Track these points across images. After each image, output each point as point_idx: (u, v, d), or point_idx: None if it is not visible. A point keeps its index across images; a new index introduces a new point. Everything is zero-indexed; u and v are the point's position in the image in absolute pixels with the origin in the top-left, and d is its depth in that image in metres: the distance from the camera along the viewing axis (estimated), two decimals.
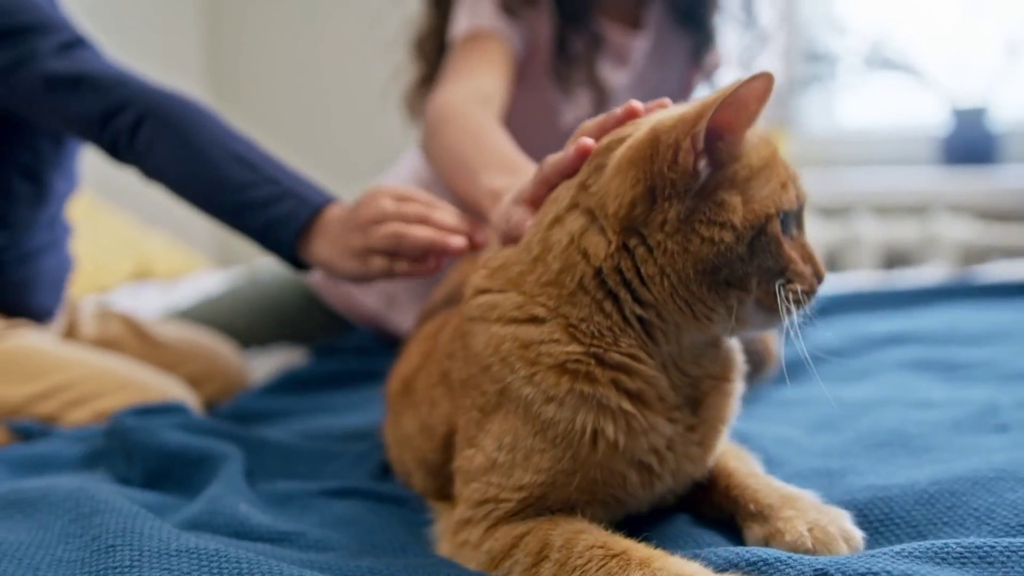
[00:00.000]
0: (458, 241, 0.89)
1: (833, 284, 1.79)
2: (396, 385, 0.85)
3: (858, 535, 0.63)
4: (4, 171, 1.18)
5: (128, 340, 1.34)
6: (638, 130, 0.67)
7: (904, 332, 1.26)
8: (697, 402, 0.70)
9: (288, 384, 1.24)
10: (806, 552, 0.60)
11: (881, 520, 0.66)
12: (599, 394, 0.64)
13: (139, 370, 1.17)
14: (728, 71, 1.47)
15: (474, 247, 0.90)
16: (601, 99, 1.35)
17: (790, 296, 0.63)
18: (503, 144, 1.00)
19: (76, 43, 1.10)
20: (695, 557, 0.59)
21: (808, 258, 0.66)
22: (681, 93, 1.47)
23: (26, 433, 1.02)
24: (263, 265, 1.71)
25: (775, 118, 2.74)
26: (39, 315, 1.26)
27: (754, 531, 0.66)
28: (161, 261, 2.44)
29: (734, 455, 0.75)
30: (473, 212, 0.94)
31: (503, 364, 0.66)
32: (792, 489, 0.68)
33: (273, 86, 3.35)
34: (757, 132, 0.65)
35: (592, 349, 0.65)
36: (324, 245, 0.94)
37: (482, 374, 0.68)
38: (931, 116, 2.56)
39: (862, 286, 1.65)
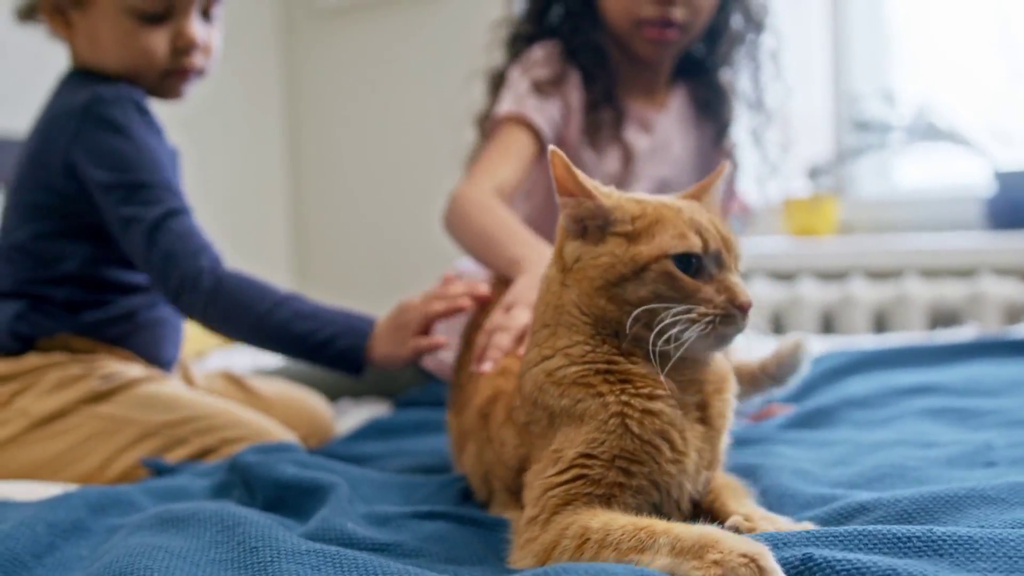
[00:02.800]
0: (465, 301, 1.21)
1: (874, 342, 1.91)
2: (474, 415, 1.04)
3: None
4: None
5: (231, 391, 1.53)
6: None
7: (928, 384, 1.39)
8: (705, 405, 0.88)
9: (373, 431, 1.41)
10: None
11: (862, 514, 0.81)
12: (605, 393, 0.84)
13: (252, 412, 1.37)
14: (744, 149, 1.65)
15: (479, 302, 1.22)
16: (627, 158, 1.56)
17: (696, 317, 0.82)
18: (517, 226, 1.33)
19: (180, 211, 1.33)
20: None
21: (724, 289, 0.83)
22: (703, 167, 1.66)
23: (157, 469, 1.19)
24: None
25: (827, 186, 2.88)
26: (165, 366, 1.47)
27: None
28: None
29: (730, 488, 0.91)
30: (501, 276, 1.24)
31: (542, 393, 0.86)
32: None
33: (349, 152, 3.55)
34: (642, 206, 0.88)
35: (587, 366, 0.85)
36: (380, 350, 1.26)
37: (535, 409, 0.88)
38: (977, 180, 2.68)
39: (901, 343, 1.77)
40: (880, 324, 2.63)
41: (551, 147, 0.88)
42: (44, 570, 0.83)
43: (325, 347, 1.26)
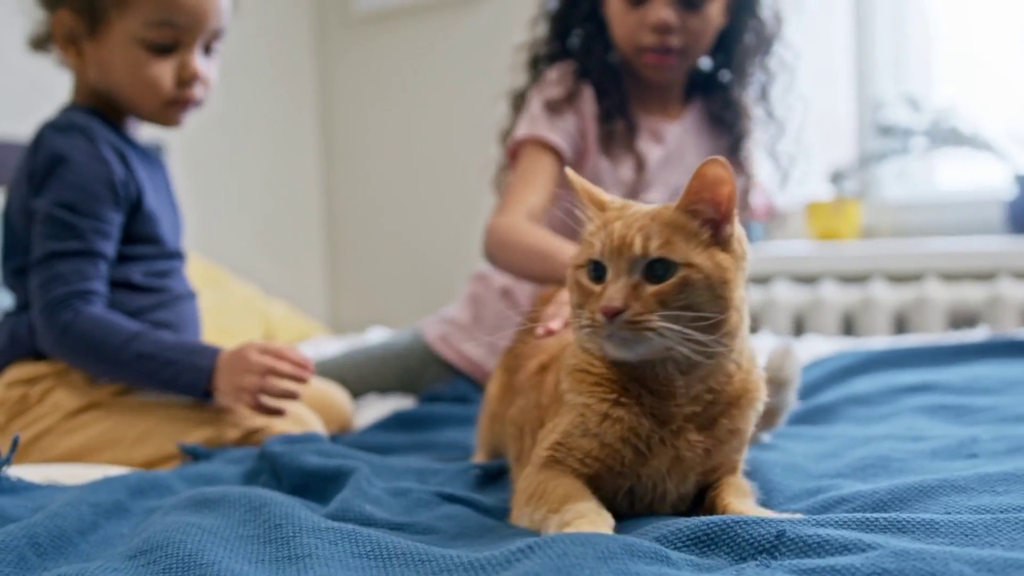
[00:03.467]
0: (296, 389, 1.36)
1: (885, 343, 1.96)
2: (531, 372, 1.13)
3: None
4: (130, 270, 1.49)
5: None
6: None
7: (929, 382, 1.44)
8: (712, 420, 0.92)
9: (395, 423, 1.49)
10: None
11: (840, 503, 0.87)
12: (580, 392, 0.94)
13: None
14: (758, 159, 1.72)
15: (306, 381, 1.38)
16: (640, 167, 1.65)
17: (584, 321, 0.89)
18: (559, 239, 1.44)
19: (79, 252, 1.41)
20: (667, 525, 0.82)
21: (598, 297, 0.88)
22: None
23: (193, 454, 1.28)
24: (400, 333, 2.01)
25: (850, 190, 2.92)
26: None
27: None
28: (282, 328, 2.73)
29: (734, 487, 0.96)
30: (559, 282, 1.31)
31: (563, 371, 0.97)
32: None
33: (382, 156, 3.63)
34: (606, 215, 0.94)
35: (578, 362, 0.95)
36: (220, 387, 1.37)
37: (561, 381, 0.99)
38: (1000, 184, 2.71)
39: (910, 344, 1.82)
40: (900, 326, 2.67)
41: (568, 170, 0.97)
42: (88, 546, 0.90)
43: (170, 384, 1.38)
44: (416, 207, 3.51)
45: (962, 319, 2.58)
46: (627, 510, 0.93)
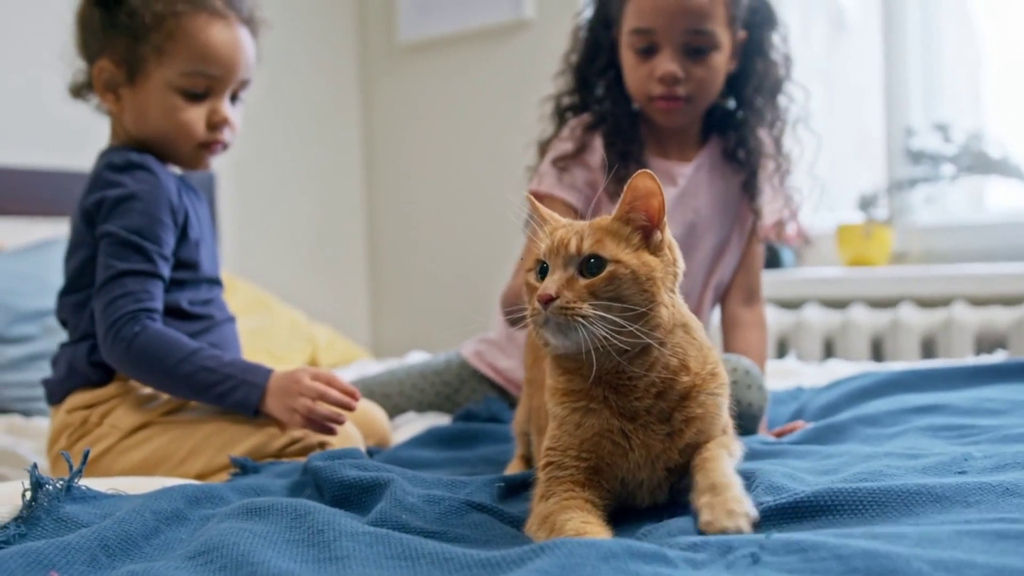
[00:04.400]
0: (344, 417, 1.48)
1: (905, 366, 2.03)
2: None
3: (753, 512, 0.96)
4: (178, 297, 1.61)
5: None
6: None
7: (937, 403, 1.51)
8: (668, 413, 1.06)
9: (430, 439, 1.59)
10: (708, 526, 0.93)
11: (824, 511, 0.96)
12: (555, 404, 1.08)
13: None
14: (767, 194, 1.81)
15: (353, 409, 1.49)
16: None
17: (528, 312, 1.04)
18: None
19: (140, 272, 1.52)
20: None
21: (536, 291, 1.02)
22: (728, 211, 1.85)
23: (243, 466, 1.38)
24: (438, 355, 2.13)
25: (880, 216, 2.98)
26: None
27: (695, 502, 1.00)
28: (327, 352, 2.84)
29: (718, 444, 1.09)
30: None
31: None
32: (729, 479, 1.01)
33: (423, 182, 3.75)
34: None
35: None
36: (270, 404, 1.47)
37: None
38: None
39: (926, 366, 1.89)
40: (928, 350, 2.72)
41: (528, 196, 1.13)
42: (151, 549, 1.01)
43: (224, 397, 1.48)
44: (457, 233, 3.62)
45: (990, 343, 2.63)
46: (627, 499, 1.09)
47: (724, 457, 1.06)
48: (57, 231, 2.64)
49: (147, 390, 1.55)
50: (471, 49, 3.62)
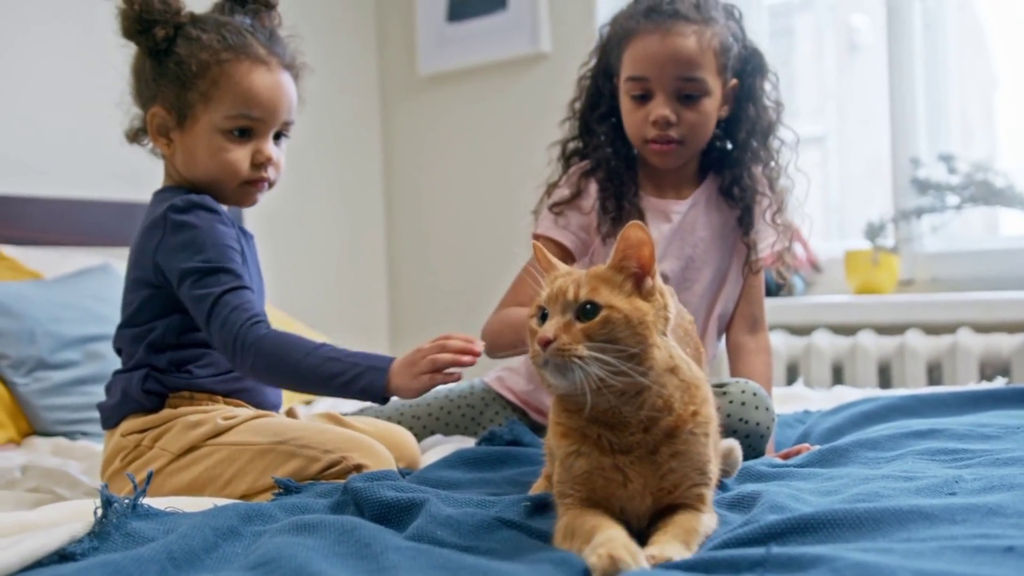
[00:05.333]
0: (467, 359, 1.54)
1: (909, 392, 2.12)
2: None
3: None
4: None
5: (329, 423, 1.81)
6: None
7: (935, 428, 1.61)
8: (655, 447, 1.15)
9: (457, 460, 1.68)
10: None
11: (822, 528, 1.05)
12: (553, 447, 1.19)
13: (343, 429, 1.70)
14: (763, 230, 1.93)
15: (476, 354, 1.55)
16: None
17: (530, 354, 1.16)
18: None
19: (236, 288, 1.63)
20: None
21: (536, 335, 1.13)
22: (725, 246, 1.98)
23: (287, 487, 1.48)
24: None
25: (887, 244, 3.07)
26: (271, 409, 1.79)
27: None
28: None
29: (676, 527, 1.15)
30: None
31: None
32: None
33: (440, 210, 3.85)
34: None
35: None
36: (396, 382, 1.55)
37: None
38: None
39: (928, 392, 1.98)
40: (934, 375, 2.81)
41: (533, 242, 1.27)
42: (212, 562, 1.10)
43: (352, 384, 1.56)
44: (473, 257, 3.73)
45: (993, 369, 2.72)
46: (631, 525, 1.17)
47: (683, 534, 1.14)
48: (90, 260, 2.76)
49: (194, 417, 1.65)
50: (488, 80, 3.74)
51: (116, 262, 2.74)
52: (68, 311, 2.38)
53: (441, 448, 1.88)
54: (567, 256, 1.91)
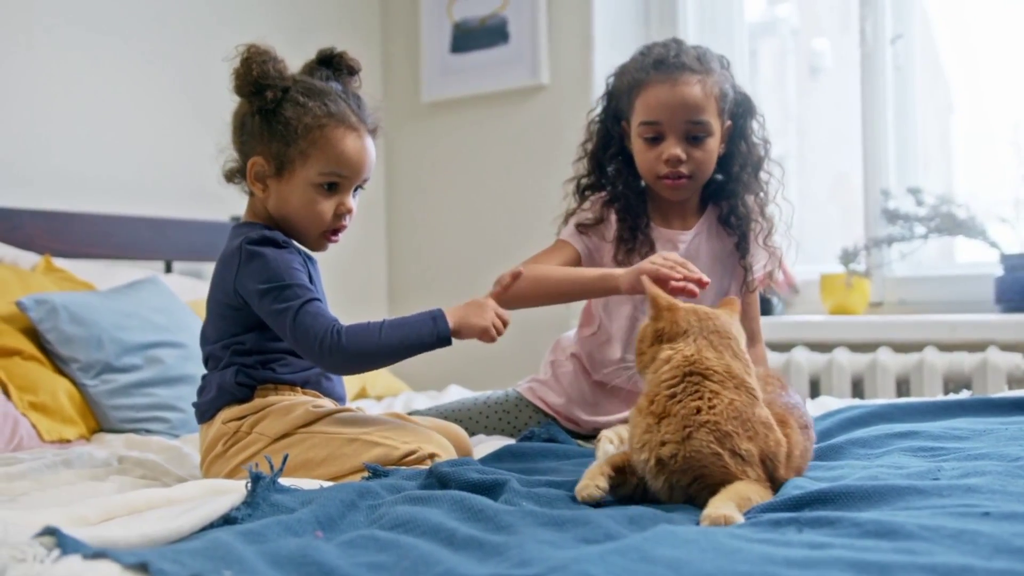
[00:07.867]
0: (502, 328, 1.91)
1: (886, 401, 2.42)
2: None
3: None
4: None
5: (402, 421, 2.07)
6: None
7: (915, 431, 1.89)
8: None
9: (508, 454, 1.93)
10: None
11: (839, 499, 1.33)
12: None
13: (424, 429, 1.95)
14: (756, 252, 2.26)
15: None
16: None
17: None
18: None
19: (311, 300, 1.88)
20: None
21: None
22: (725, 270, 2.29)
23: (375, 471, 1.72)
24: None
25: (859, 269, 3.38)
26: (340, 400, 2.06)
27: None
28: (373, 384, 3.19)
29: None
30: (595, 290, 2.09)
31: None
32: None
33: (442, 233, 4.09)
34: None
35: None
36: (454, 318, 1.87)
37: None
38: (992, 263, 3.18)
39: (904, 402, 2.28)
40: (902, 389, 3.12)
41: (643, 278, 1.63)
42: (345, 525, 1.34)
43: (423, 339, 1.85)
44: (473, 279, 3.91)
45: (956, 383, 3.02)
46: None
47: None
48: (135, 272, 3.00)
49: (286, 402, 1.91)
50: (489, 108, 3.98)
51: (158, 275, 2.98)
52: (129, 320, 2.61)
53: (487, 444, 2.14)
54: (575, 259, 2.22)
